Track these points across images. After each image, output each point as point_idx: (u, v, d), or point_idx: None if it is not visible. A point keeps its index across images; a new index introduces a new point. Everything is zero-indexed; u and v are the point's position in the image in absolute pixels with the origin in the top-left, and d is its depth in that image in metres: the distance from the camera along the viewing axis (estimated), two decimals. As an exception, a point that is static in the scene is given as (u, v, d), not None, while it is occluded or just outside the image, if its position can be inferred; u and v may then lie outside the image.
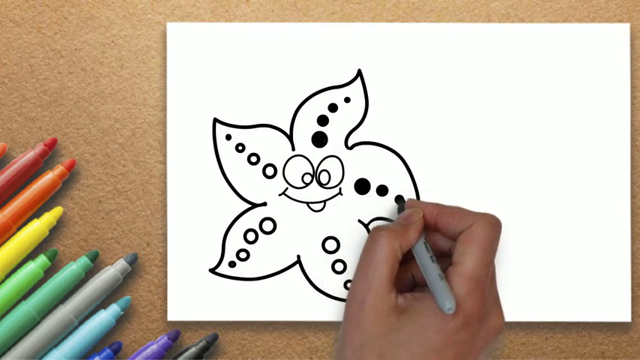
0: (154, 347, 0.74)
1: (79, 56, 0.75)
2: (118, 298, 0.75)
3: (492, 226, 0.69)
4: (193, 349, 0.74)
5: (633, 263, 0.75)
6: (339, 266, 0.75)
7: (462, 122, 0.75)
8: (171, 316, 0.75)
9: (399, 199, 0.74)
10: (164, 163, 0.75)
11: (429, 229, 0.71)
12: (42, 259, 0.73)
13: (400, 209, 0.73)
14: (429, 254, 0.69)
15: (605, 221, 0.75)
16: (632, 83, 0.75)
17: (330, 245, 0.75)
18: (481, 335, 0.67)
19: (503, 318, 0.69)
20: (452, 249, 0.70)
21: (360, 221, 0.75)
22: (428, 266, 0.68)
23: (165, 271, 0.75)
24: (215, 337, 0.74)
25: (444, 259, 0.71)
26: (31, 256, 0.74)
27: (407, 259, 0.70)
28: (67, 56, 0.75)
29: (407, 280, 0.71)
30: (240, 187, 0.75)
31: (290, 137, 0.75)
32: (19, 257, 0.73)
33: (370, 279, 0.68)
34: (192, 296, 0.74)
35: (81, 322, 0.74)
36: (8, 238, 0.74)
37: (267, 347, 0.75)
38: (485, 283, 0.68)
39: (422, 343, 0.66)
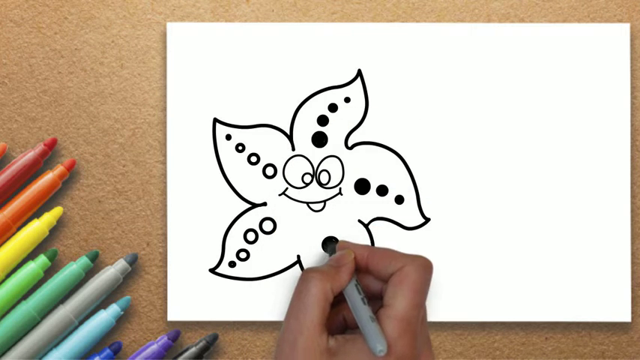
0: (154, 347, 0.74)
1: (79, 56, 0.75)
2: (118, 298, 0.75)
3: (424, 268, 0.69)
4: (193, 349, 0.74)
5: (633, 263, 0.75)
6: (339, 266, 0.75)
7: (462, 122, 0.75)
8: (171, 316, 0.75)
9: (329, 240, 0.74)
10: (164, 163, 0.75)
11: (360, 270, 0.71)
12: (42, 259, 0.73)
13: (331, 251, 0.73)
14: (361, 296, 0.69)
15: (605, 221, 0.75)
16: (632, 83, 0.75)
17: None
18: None
19: (433, 359, 0.69)
20: (383, 291, 0.69)
21: (360, 221, 0.75)
22: (359, 308, 0.68)
23: (165, 271, 0.75)
24: (215, 337, 0.74)
25: (376, 300, 0.70)
26: (31, 256, 0.74)
27: (338, 300, 0.70)
28: (67, 56, 0.75)
29: (338, 321, 0.71)
30: (240, 187, 0.75)
31: (290, 137, 0.75)
32: (19, 257, 0.73)
33: (301, 320, 0.68)
34: (192, 296, 0.74)
35: (81, 322, 0.74)
36: (8, 238, 0.74)
37: (267, 347, 0.75)
38: (417, 324, 0.68)
39: None
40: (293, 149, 0.75)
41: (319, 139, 0.75)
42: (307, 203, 0.75)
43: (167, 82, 0.75)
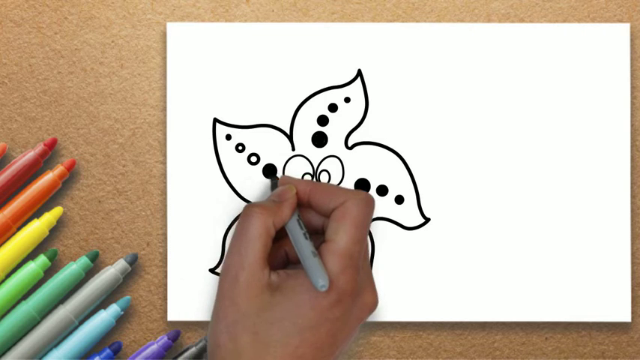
0: (154, 347, 0.74)
1: (79, 56, 0.75)
2: (118, 298, 0.75)
3: (365, 202, 0.69)
4: (193, 349, 0.74)
5: (633, 263, 0.75)
6: (339, 266, 0.75)
7: (462, 122, 0.75)
8: (171, 316, 0.75)
9: (271, 175, 0.74)
10: (164, 163, 0.75)
11: (302, 206, 0.71)
12: (42, 259, 0.73)
13: (273, 186, 0.73)
14: (302, 231, 0.68)
15: (605, 221, 0.75)
16: (632, 83, 0.75)
17: (330, 245, 0.75)
18: (354, 312, 0.68)
19: (376, 294, 0.69)
20: (325, 226, 0.70)
21: (360, 221, 0.75)
22: (301, 243, 0.68)
23: (165, 271, 0.75)
24: (215, 337, 0.75)
25: (318, 236, 0.71)
26: (31, 256, 0.74)
27: (280, 236, 0.70)
28: (67, 56, 0.75)
29: (280, 257, 0.71)
30: (240, 187, 0.75)
31: (290, 137, 0.75)
32: (19, 257, 0.73)
33: (243, 256, 0.67)
34: (192, 296, 0.74)
35: (81, 322, 0.74)
36: (8, 238, 0.74)
37: (267, 347, 0.75)
38: (359, 259, 0.68)
39: (295, 321, 0.66)
40: (293, 149, 0.75)
41: (319, 139, 0.75)
42: (307, 203, 0.75)
43: (167, 82, 0.75)
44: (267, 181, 0.74)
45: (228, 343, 0.67)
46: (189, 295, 0.74)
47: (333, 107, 0.75)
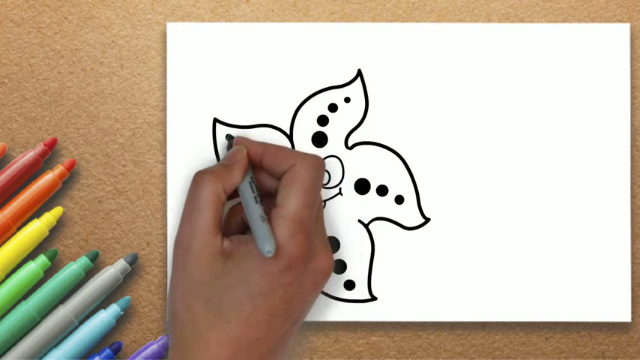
0: (154, 347, 0.74)
1: (79, 56, 0.75)
2: (118, 298, 0.75)
3: (314, 166, 0.68)
4: (193, 349, 0.74)
5: (633, 263, 0.75)
6: (339, 266, 0.75)
7: (462, 122, 0.75)
8: (171, 316, 0.75)
9: (228, 137, 0.73)
10: (164, 163, 0.75)
11: (256, 167, 0.70)
12: (42, 259, 0.73)
13: (229, 147, 0.72)
14: (254, 195, 0.68)
15: (605, 221, 0.75)
16: (632, 83, 0.75)
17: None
18: (308, 277, 0.67)
19: (331, 259, 0.69)
20: (276, 190, 0.69)
21: (360, 221, 0.75)
22: (251, 207, 0.67)
23: (166, 271, 0.75)
24: (215, 337, 0.74)
25: (271, 199, 0.69)
26: (31, 256, 0.74)
27: (240, 201, 0.69)
28: (67, 56, 0.75)
29: (236, 222, 0.71)
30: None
31: (290, 137, 0.75)
32: (19, 257, 0.73)
33: (194, 223, 0.67)
34: (192, 296, 0.74)
35: (81, 322, 0.73)
36: (8, 238, 0.74)
37: (267, 347, 0.75)
38: (309, 224, 0.67)
39: (247, 288, 0.66)
40: (293, 149, 0.75)
41: (319, 139, 0.75)
42: (307, 203, 0.75)
43: (167, 82, 0.75)
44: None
45: (183, 312, 0.66)
46: (189, 295, 0.74)
47: (333, 107, 0.75)
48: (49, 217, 0.74)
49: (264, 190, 0.70)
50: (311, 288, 0.67)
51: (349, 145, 0.75)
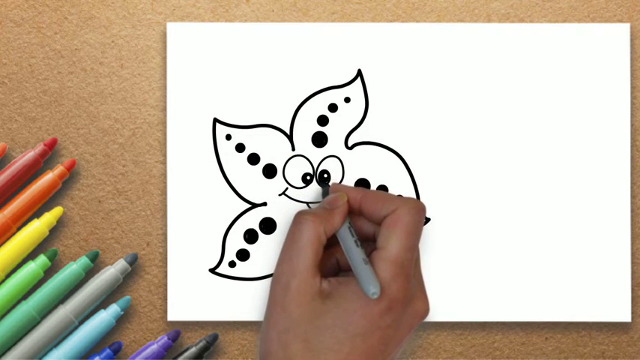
0: (154, 347, 0.74)
1: (79, 56, 0.75)
2: (118, 298, 0.75)
3: (417, 210, 0.69)
4: (193, 349, 0.74)
5: (633, 263, 0.75)
6: (339, 266, 0.75)
7: (462, 122, 0.75)
8: (171, 316, 0.75)
9: (323, 182, 0.74)
10: (164, 163, 0.75)
11: (353, 213, 0.71)
12: (42, 259, 0.73)
13: (324, 193, 0.73)
14: (354, 238, 0.68)
15: (605, 221, 0.75)
16: (632, 83, 0.75)
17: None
18: (405, 319, 0.68)
19: (427, 302, 0.69)
20: (376, 233, 0.69)
21: (360, 221, 0.75)
22: (352, 250, 0.68)
23: (165, 271, 0.75)
24: (215, 337, 0.75)
25: (369, 243, 0.70)
26: (31, 256, 0.74)
27: (331, 243, 0.70)
28: (67, 56, 0.75)
29: (331, 264, 0.71)
30: (240, 187, 0.75)
31: (290, 137, 0.75)
32: (19, 257, 0.73)
33: (295, 263, 0.67)
34: (192, 296, 0.74)
35: (81, 322, 0.74)
36: (8, 238, 0.74)
37: (267, 347, 0.75)
38: (410, 267, 0.68)
39: (347, 328, 0.66)
40: (293, 149, 0.75)
41: (319, 139, 0.75)
42: (307, 203, 0.75)
43: (167, 82, 0.75)
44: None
45: (279, 351, 0.67)
46: (189, 295, 0.74)
47: (333, 107, 0.75)
48: (49, 217, 0.74)
49: (361, 235, 0.71)
50: (407, 330, 0.68)
51: (349, 145, 0.75)
